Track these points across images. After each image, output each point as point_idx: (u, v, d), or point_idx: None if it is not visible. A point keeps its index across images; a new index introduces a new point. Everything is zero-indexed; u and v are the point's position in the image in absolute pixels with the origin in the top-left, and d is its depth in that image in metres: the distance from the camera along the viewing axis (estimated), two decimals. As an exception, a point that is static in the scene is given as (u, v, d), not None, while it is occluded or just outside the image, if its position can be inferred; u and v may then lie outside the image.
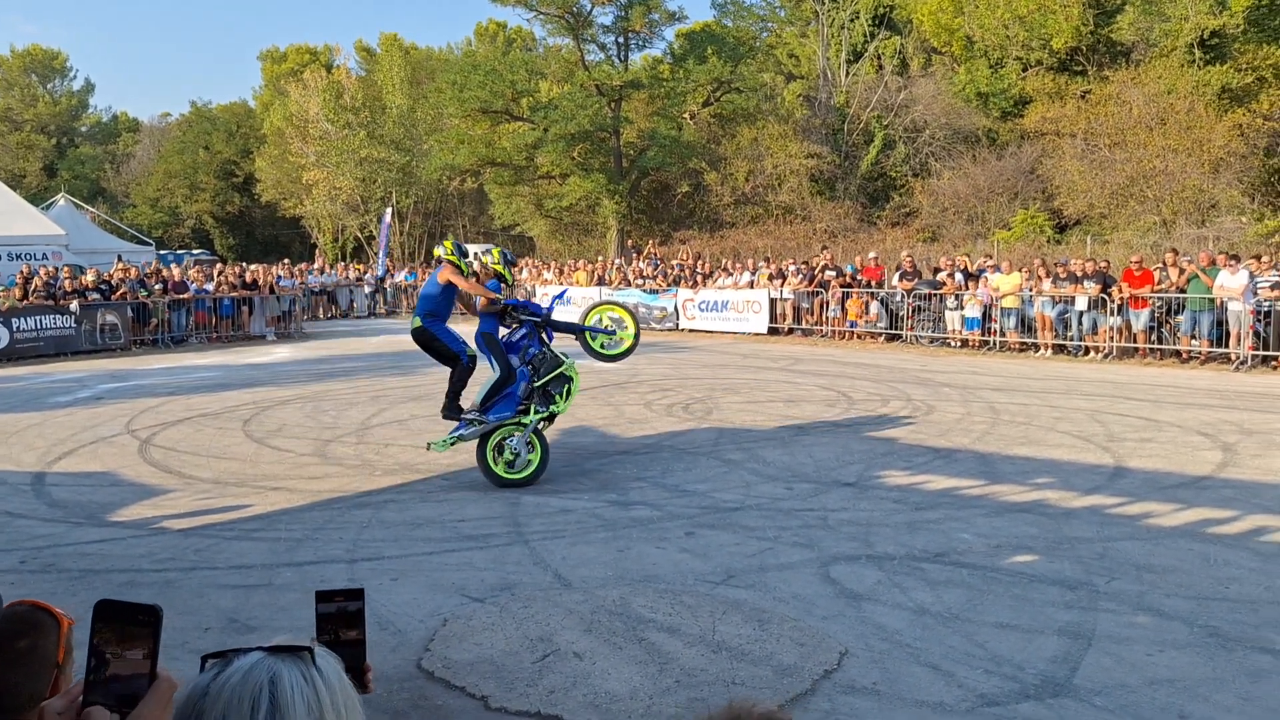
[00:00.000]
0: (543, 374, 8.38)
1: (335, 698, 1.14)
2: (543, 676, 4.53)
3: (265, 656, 1.13)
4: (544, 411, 8.40)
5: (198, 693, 1.11)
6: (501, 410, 8.36)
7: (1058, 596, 5.38)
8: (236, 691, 1.09)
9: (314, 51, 56.08)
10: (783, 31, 43.37)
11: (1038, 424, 10.54)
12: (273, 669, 1.12)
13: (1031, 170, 31.49)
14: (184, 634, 5.06)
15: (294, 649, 1.16)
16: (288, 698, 1.09)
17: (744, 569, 5.95)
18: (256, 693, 1.09)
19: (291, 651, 1.15)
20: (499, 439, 8.34)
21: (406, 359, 18.07)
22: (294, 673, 1.12)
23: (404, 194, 45.28)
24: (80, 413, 12.41)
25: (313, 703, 1.11)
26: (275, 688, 1.10)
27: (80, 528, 7.19)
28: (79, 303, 20.00)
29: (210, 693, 1.10)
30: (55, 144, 59.37)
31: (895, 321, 19.96)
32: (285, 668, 1.12)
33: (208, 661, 1.15)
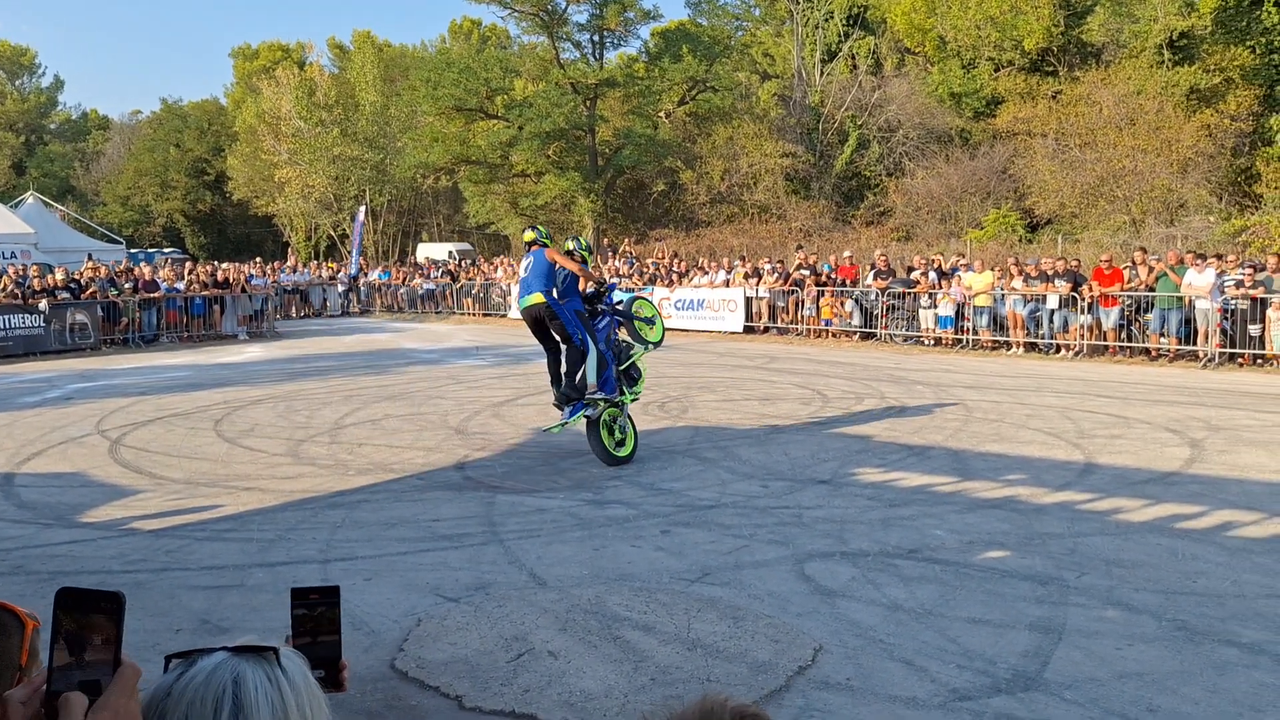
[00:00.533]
0: (623, 359, 9.16)
1: (300, 699, 1.13)
2: (517, 676, 4.52)
3: (230, 657, 1.12)
4: (632, 394, 9.17)
5: (160, 693, 1.10)
6: (609, 390, 8.82)
7: (1029, 591, 5.44)
8: (199, 692, 1.08)
9: (286, 48, 55.69)
10: (758, 31, 43.52)
11: (1009, 421, 10.64)
12: (236, 669, 1.11)
13: (1004, 170, 31.77)
14: (155, 636, 5.01)
15: (258, 649, 1.15)
16: (251, 699, 1.08)
17: (719, 566, 5.97)
18: (220, 694, 1.08)
19: (256, 652, 1.14)
20: (608, 418, 8.92)
21: (380, 358, 17.99)
22: (258, 673, 1.11)
23: (378, 192, 45.05)
24: (49, 413, 12.26)
25: (277, 704, 1.10)
26: (239, 688, 1.09)
27: (50, 529, 7.10)
28: (48, 302, 19.75)
29: (173, 693, 1.09)
30: (24, 141, 58.58)
31: (870, 320, 20.07)
32: (250, 668, 1.11)
33: (171, 661, 1.14)
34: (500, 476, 8.57)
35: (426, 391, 13.65)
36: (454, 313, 28.75)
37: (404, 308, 30.49)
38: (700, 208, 37.40)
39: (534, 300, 8.98)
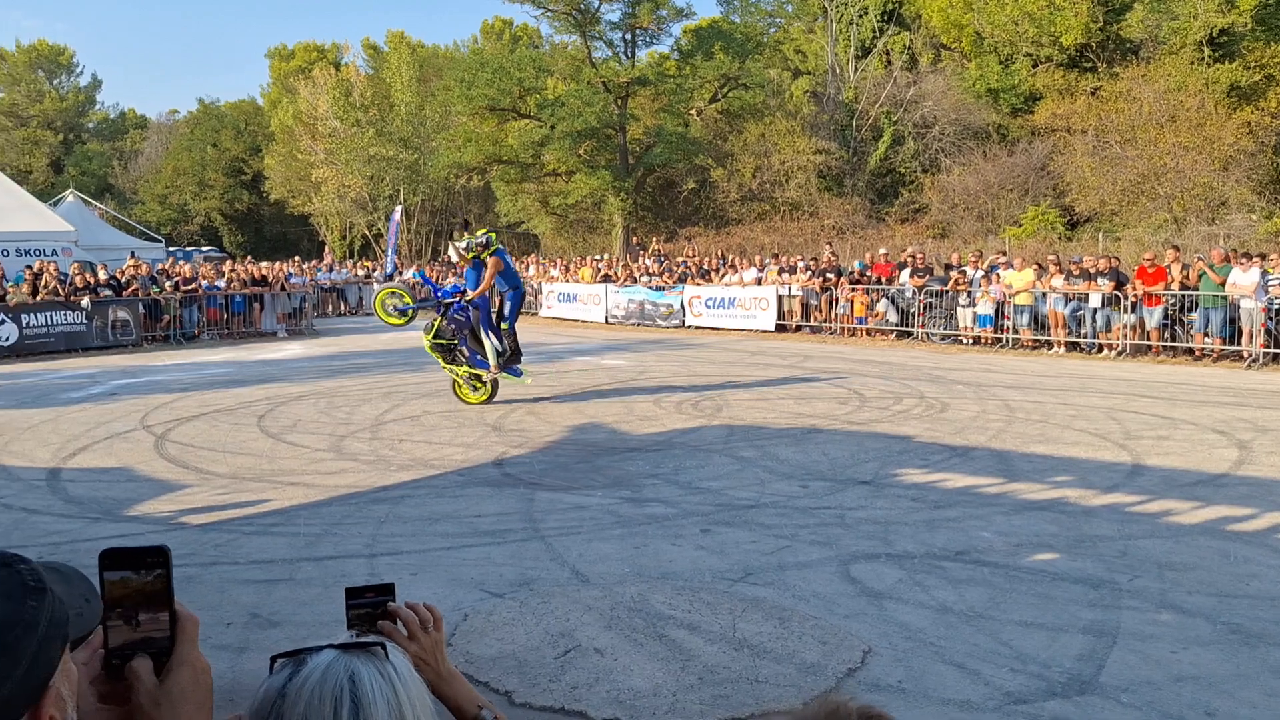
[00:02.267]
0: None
1: (411, 694, 1.13)
2: (565, 672, 4.53)
3: (340, 655, 1.12)
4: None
5: (273, 694, 1.09)
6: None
7: (1081, 594, 5.36)
8: (316, 691, 1.07)
9: (322, 49, 56.18)
10: (790, 27, 43.33)
11: (1054, 422, 10.51)
12: (350, 667, 1.10)
13: (1042, 166, 31.42)
14: (206, 629, 5.03)
15: (367, 646, 1.15)
16: (369, 696, 1.08)
17: (762, 567, 5.94)
18: (338, 692, 1.07)
19: (365, 649, 1.14)
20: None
21: (416, 355, 18.08)
22: (371, 670, 1.11)
23: (412, 192, 45.33)
24: (94, 408, 12.44)
25: (391, 700, 1.10)
26: (356, 686, 1.08)
27: (97, 523, 7.20)
28: (90, 299, 20.04)
29: (288, 694, 1.08)
30: (62, 140, 59.46)
31: (905, 318, 19.92)
32: (362, 665, 1.11)
33: (277, 661, 1.14)
34: (539, 473, 8.59)
35: (463, 389, 13.70)
36: (487, 311, 28.84)
37: (437, 306, 30.64)
38: (731, 205, 37.30)
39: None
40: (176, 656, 1.17)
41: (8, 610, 0.92)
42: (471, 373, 11.98)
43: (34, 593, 0.95)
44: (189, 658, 1.18)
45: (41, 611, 0.95)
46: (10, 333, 18.91)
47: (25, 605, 0.94)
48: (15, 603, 0.94)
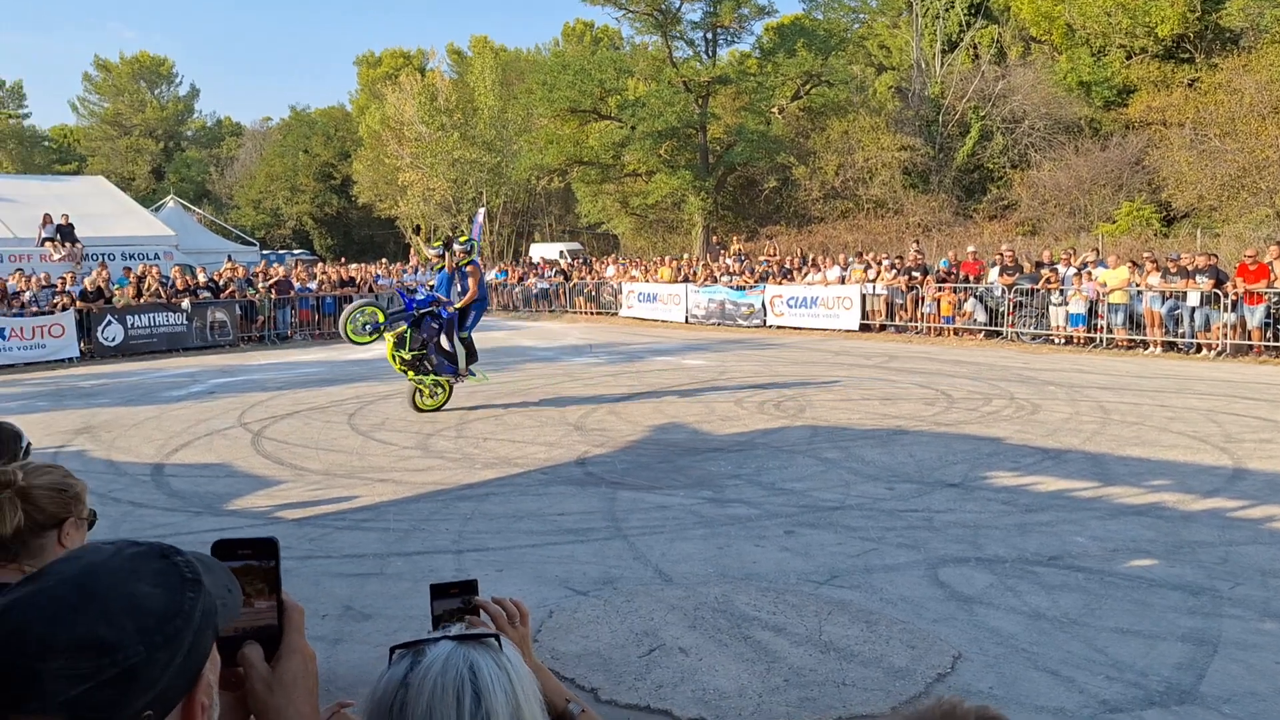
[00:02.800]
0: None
1: (525, 684, 1.16)
2: (650, 671, 4.55)
3: (458, 646, 1.15)
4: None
5: (394, 684, 1.12)
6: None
7: (1180, 602, 5.19)
8: (439, 681, 1.10)
9: (408, 55, 57.33)
10: (874, 23, 42.68)
11: (1150, 424, 10.17)
12: (469, 657, 1.13)
13: (1137, 161, 30.37)
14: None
15: (482, 637, 1.18)
16: (489, 685, 1.11)
17: (848, 569, 5.88)
18: (459, 683, 1.10)
19: (480, 640, 1.17)
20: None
21: (498, 355, 18.36)
22: (489, 661, 1.14)
23: (494, 194, 45.96)
24: (194, 406, 12.92)
25: (508, 690, 1.13)
26: (476, 676, 1.11)
27: (199, 517, 7.48)
28: (190, 301, 20.81)
29: (410, 684, 1.11)
30: (163, 148, 61.81)
31: (994, 318, 19.47)
32: (480, 656, 1.14)
33: (395, 652, 1.18)
34: (620, 473, 8.64)
35: (545, 388, 13.86)
36: (567, 311, 29.12)
37: (518, 306, 31.04)
38: (813, 203, 36.92)
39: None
40: (287, 644, 1.23)
41: (168, 602, 0.96)
42: (436, 380, 11.83)
43: (191, 584, 0.99)
44: (298, 645, 1.24)
45: (198, 602, 0.99)
46: (116, 334, 19.74)
47: (184, 596, 0.98)
48: (175, 594, 0.97)
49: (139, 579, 0.96)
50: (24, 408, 12.98)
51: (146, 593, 0.95)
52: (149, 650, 0.91)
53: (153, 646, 0.92)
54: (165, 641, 0.93)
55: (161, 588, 0.96)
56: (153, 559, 1.00)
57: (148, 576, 0.97)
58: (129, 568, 0.97)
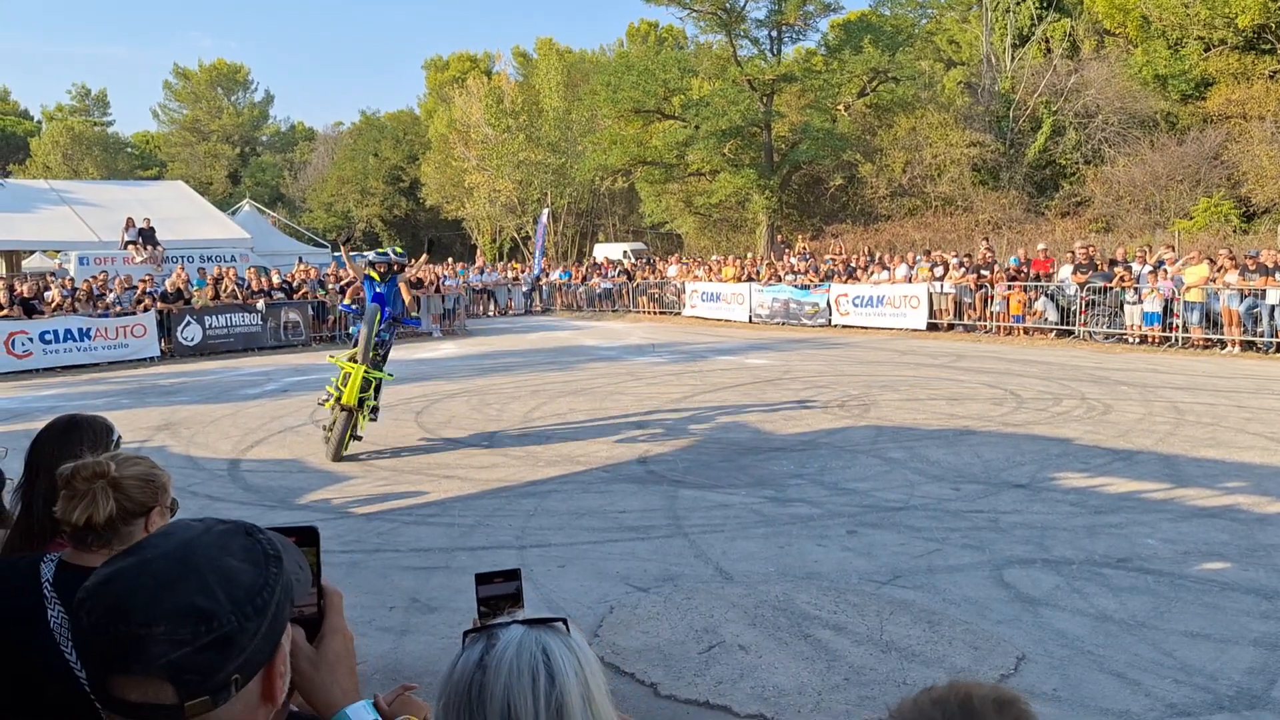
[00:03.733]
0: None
1: (593, 667, 1.21)
2: (709, 667, 4.58)
3: (529, 630, 1.20)
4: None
5: (471, 665, 1.18)
6: None
7: (1253, 606, 5.06)
8: (515, 663, 1.15)
9: (474, 59, 58.06)
10: (943, 17, 42.02)
11: (1226, 425, 9.88)
12: (542, 641, 1.18)
13: (1215, 156, 29.44)
14: (371, 612, 5.36)
15: (551, 622, 1.23)
16: (561, 668, 1.16)
17: (911, 570, 5.84)
18: (534, 664, 1.15)
19: (548, 624, 1.22)
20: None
21: (562, 355, 18.53)
22: (559, 644, 1.19)
23: (558, 195, 46.31)
24: (268, 404, 13.28)
25: (578, 671, 1.17)
26: (549, 658, 1.16)
27: (273, 510, 7.70)
28: (265, 301, 21.37)
29: (487, 665, 1.17)
30: (239, 153, 63.54)
31: (1066, 316, 19.06)
32: (551, 639, 1.19)
33: (469, 636, 1.23)
34: (682, 471, 8.67)
35: (607, 387, 13.95)
36: (630, 311, 29.24)
37: (582, 306, 31.25)
38: (880, 201, 36.47)
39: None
40: (328, 625, 1.33)
41: (255, 575, 1.05)
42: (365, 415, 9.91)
43: (273, 560, 1.09)
44: (339, 626, 1.33)
45: (280, 577, 1.08)
46: (195, 333, 20.37)
47: (268, 571, 1.07)
48: (261, 569, 1.06)
49: (229, 554, 1.05)
50: (108, 405, 13.47)
51: (237, 567, 1.04)
52: (240, 620, 1.01)
53: (243, 616, 1.01)
54: (255, 612, 1.02)
55: (249, 563, 1.06)
56: (239, 535, 1.09)
57: (237, 552, 1.06)
58: (220, 544, 1.06)
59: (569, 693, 1.14)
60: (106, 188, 30.95)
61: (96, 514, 1.82)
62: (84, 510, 1.81)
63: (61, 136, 58.25)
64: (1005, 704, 1.05)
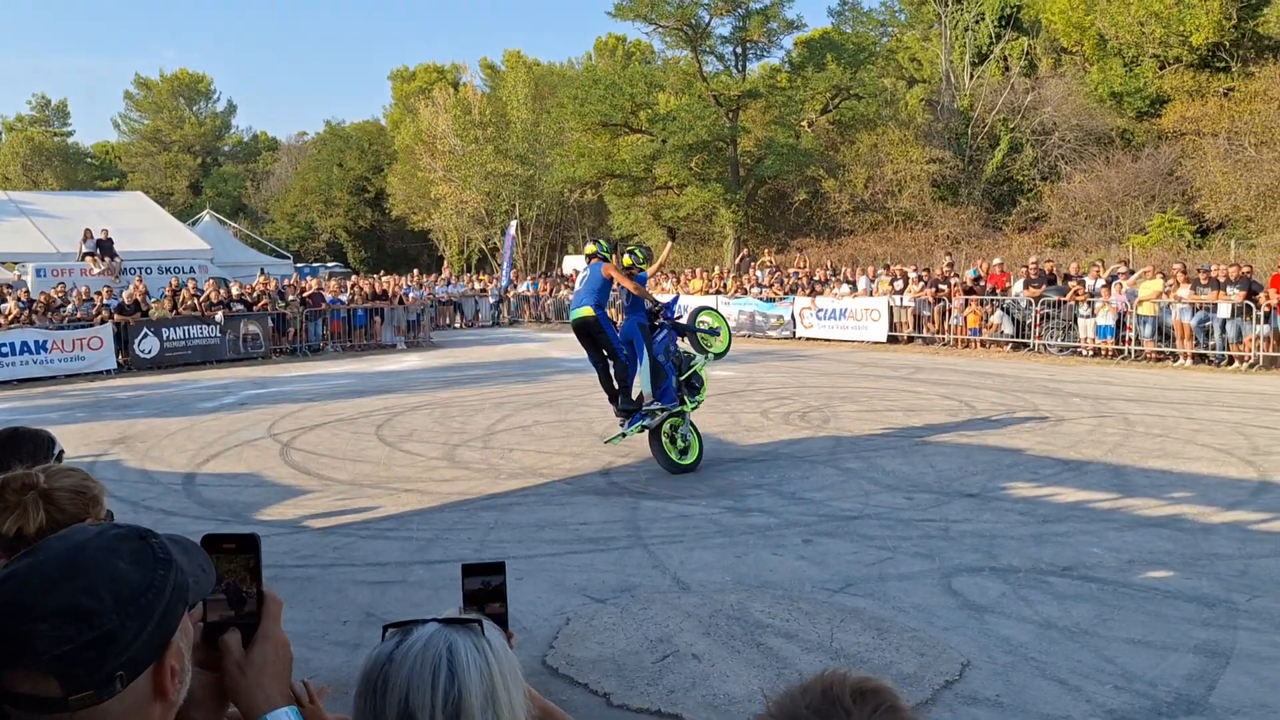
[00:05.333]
0: (683, 370, 9.35)
1: (503, 666, 1.26)
2: (662, 676, 4.63)
3: (441, 628, 1.26)
4: (693, 403, 9.35)
5: (383, 658, 1.24)
6: (668, 401, 9.06)
7: (1194, 613, 5.19)
8: (419, 659, 1.21)
9: (441, 70, 57.92)
10: (903, 36, 42.61)
11: (1175, 436, 10.11)
12: (449, 639, 1.24)
13: (1170, 172, 30.07)
14: (325, 626, 5.36)
15: (465, 621, 1.28)
16: (464, 665, 1.21)
17: (863, 578, 5.93)
18: (437, 661, 1.21)
19: (463, 624, 1.27)
20: (669, 428, 9.16)
21: (528, 367, 18.53)
22: (468, 643, 1.24)
23: (526, 206, 46.31)
24: (226, 417, 13.17)
25: (484, 671, 1.23)
26: (453, 656, 1.22)
27: (227, 525, 7.65)
28: (224, 313, 21.18)
29: (394, 659, 1.22)
30: (200, 163, 62.85)
31: (1021, 329, 19.37)
32: (460, 638, 1.24)
33: (388, 630, 1.29)
34: (644, 483, 8.74)
35: (573, 399, 13.98)
36: (598, 323, 29.23)
37: (550, 318, 31.26)
38: (842, 216, 36.86)
39: (583, 314, 9.17)
40: (261, 631, 1.37)
41: (141, 577, 1.11)
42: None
43: (162, 563, 1.14)
44: (272, 633, 1.39)
45: (169, 579, 1.13)
46: (152, 346, 20.14)
47: (155, 574, 1.12)
48: (148, 571, 1.12)
49: (118, 557, 1.11)
50: (63, 418, 13.30)
51: (124, 569, 1.10)
52: (122, 619, 1.06)
53: (126, 616, 1.07)
54: (138, 612, 1.08)
55: (137, 565, 1.11)
56: (131, 540, 1.15)
57: (126, 555, 1.12)
58: (110, 547, 1.12)
59: (469, 691, 1.20)
60: (65, 199, 30.54)
61: (27, 525, 1.84)
62: (14, 522, 1.84)
63: (21, 147, 57.41)
64: (867, 694, 1.05)
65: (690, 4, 35.58)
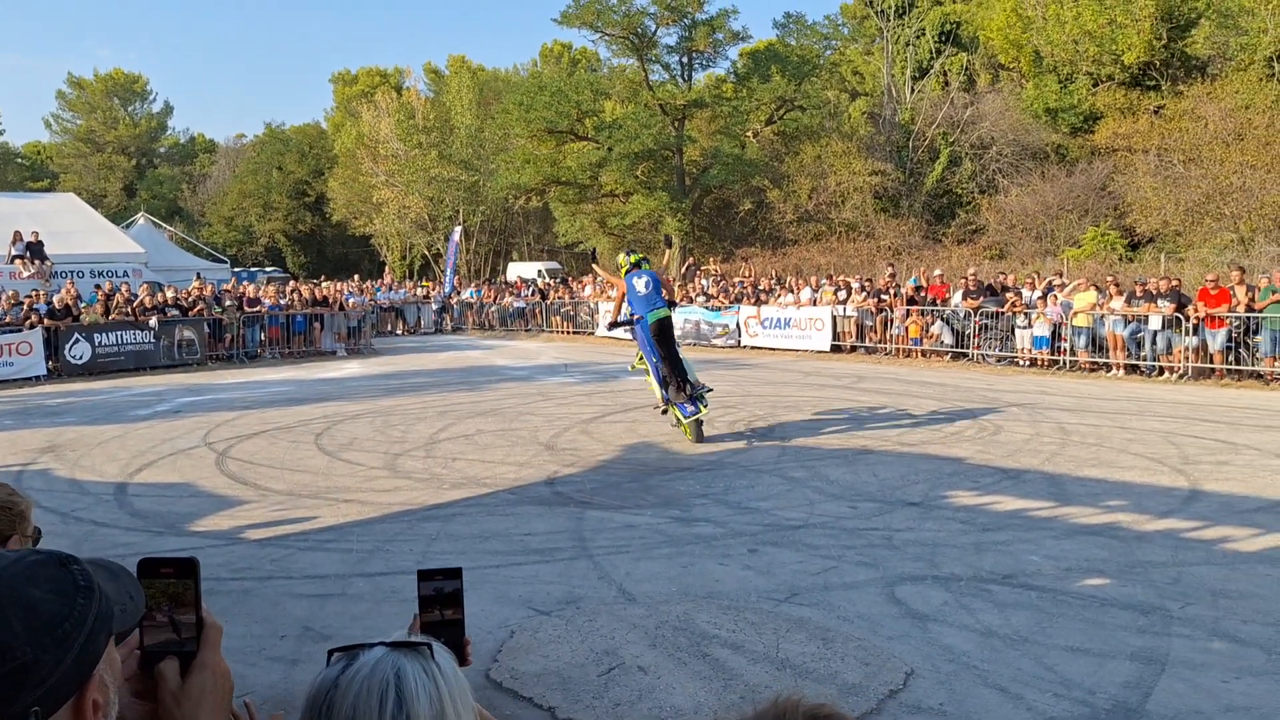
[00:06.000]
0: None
1: (453, 691, 1.21)
2: (608, 689, 4.59)
3: (389, 652, 1.20)
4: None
5: (327, 684, 1.18)
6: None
7: (1130, 621, 5.29)
8: (365, 685, 1.16)
9: (384, 74, 57.34)
10: (846, 49, 43.26)
11: (1109, 445, 10.34)
12: (397, 664, 1.19)
13: (1103, 187, 30.90)
14: (261, 641, 5.22)
15: (414, 645, 1.23)
16: (412, 691, 1.16)
17: (808, 587, 5.95)
18: (384, 687, 1.16)
19: (412, 648, 1.22)
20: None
21: (472, 375, 18.37)
22: (416, 667, 1.19)
23: (471, 212, 46.00)
24: (159, 425, 12.84)
25: (434, 696, 1.18)
26: (401, 682, 1.17)
27: (160, 537, 7.45)
28: (158, 319, 20.67)
29: (340, 685, 1.17)
30: (135, 165, 61.36)
31: (961, 340, 19.71)
32: (408, 663, 1.19)
33: (333, 655, 1.23)
34: (590, 492, 8.68)
35: (517, 408, 13.89)
36: (543, 330, 29.16)
37: (495, 325, 31.06)
38: (787, 226, 37.24)
39: (664, 313, 11.01)
40: (199, 660, 1.30)
41: (59, 606, 1.03)
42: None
43: (83, 591, 1.06)
44: (210, 661, 1.31)
45: (90, 608, 1.05)
46: (84, 351, 19.58)
47: (75, 602, 1.04)
48: (67, 600, 1.04)
49: (34, 584, 1.03)
50: (-12, 426, 12.86)
51: (39, 598, 1.02)
52: (37, 651, 0.98)
53: (41, 648, 0.99)
54: (54, 644, 1.00)
55: (54, 593, 1.03)
56: (50, 566, 1.06)
57: (43, 583, 1.03)
58: (26, 574, 1.03)
59: (418, 717, 1.15)
60: (-8, 199, 29.57)
61: None
62: None
63: (-53, 146, 55.58)
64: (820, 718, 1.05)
65: (636, 13, 35.68)
